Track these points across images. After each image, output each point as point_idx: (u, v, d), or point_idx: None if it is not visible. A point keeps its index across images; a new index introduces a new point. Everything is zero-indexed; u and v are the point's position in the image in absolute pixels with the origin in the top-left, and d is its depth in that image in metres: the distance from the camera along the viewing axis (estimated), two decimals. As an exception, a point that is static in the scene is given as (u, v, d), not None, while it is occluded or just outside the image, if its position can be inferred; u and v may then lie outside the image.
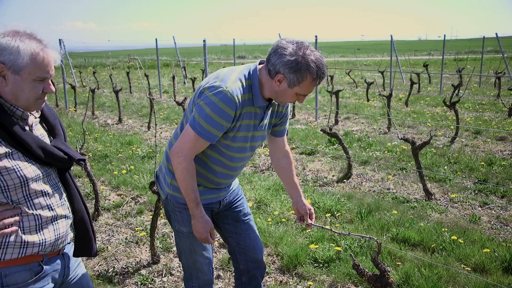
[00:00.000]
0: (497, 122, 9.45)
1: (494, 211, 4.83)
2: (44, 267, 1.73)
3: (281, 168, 2.55)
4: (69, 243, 1.88)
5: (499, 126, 9.00)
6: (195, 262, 2.41)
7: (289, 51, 2.00)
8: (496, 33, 16.96)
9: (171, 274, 3.65)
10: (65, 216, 1.79)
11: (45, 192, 1.70)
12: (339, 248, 3.84)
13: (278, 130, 2.44)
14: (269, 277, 3.57)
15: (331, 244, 3.95)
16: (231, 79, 2.06)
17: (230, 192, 2.47)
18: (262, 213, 4.77)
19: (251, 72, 2.12)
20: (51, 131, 1.84)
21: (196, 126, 2.06)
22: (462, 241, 3.94)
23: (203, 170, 2.26)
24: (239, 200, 2.55)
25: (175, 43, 19.64)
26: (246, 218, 2.55)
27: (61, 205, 1.77)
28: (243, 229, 2.52)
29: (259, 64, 2.18)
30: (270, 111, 2.28)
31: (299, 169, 6.45)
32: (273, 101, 2.23)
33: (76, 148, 4.46)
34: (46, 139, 1.78)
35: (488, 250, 3.75)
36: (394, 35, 15.93)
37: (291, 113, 10.79)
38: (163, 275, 3.63)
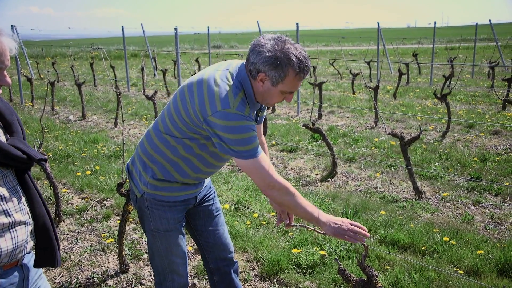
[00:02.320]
0: (491, 115, 9.64)
1: (488, 210, 4.94)
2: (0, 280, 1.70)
3: None
4: (28, 253, 1.85)
5: (493, 120, 9.19)
6: (171, 263, 2.45)
7: (267, 47, 2.03)
8: (490, 20, 17.28)
9: (142, 284, 3.64)
10: (25, 223, 1.76)
11: (1, 195, 1.67)
12: (323, 252, 3.88)
13: (258, 117, 2.47)
14: (248, 285, 3.59)
15: (315, 248, 3.99)
16: (230, 96, 2.06)
17: (204, 186, 2.54)
18: (240, 215, 4.78)
19: (241, 80, 2.14)
20: (7, 128, 1.81)
21: (244, 153, 2.09)
22: (455, 243, 4.02)
23: (188, 168, 2.30)
24: (211, 194, 2.64)
25: (143, 31, 19.45)
26: (218, 213, 2.65)
27: (19, 210, 1.74)
28: (213, 225, 2.61)
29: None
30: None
31: (280, 167, 6.48)
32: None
33: (34, 147, 4.39)
34: (1, 137, 1.75)
35: (482, 252, 3.83)
36: (381, 23, 16.10)
37: (271, 108, 10.82)
38: (133, 285, 3.61)
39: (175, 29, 8.74)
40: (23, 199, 1.79)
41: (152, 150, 2.31)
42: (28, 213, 1.79)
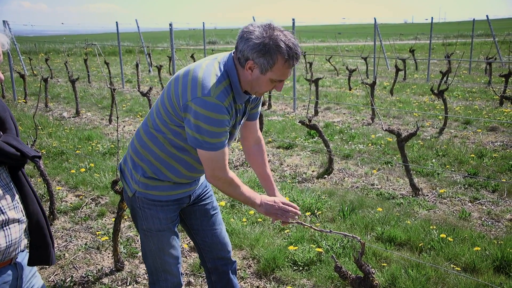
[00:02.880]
0: (488, 111, 9.67)
1: (485, 206, 4.96)
2: (-8, 279, 1.70)
3: (253, 156, 2.61)
4: (22, 251, 1.85)
5: (490, 116, 9.22)
6: (164, 263, 2.43)
7: (256, 34, 2.02)
8: (487, 16, 17.33)
9: (137, 282, 3.64)
10: (18, 220, 1.75)
11: (-6, 193, 1.66)
12: (320, 250, 3.89)
13: (251, 113, 2.47)
14: (244, 283, 3.59)
15: (312, 245, 4.00)
16: (212, 83, 2.05)
17: (199, 185, 2.52)
18: (236, 212, 4.78)
19: (227, 69, 2.13)
20: (0, 125, 1.80)
21: (205, 144, 2.10)
22: (452, 239, 4.04)
23: (178, 165, 2.29)
24: (208, 192, 2.61)
25: (138, 27, 19.39)
26: (214, 212, 2.63)
27: (13, 208, 1.73)
28: (210, 224, 2.59)
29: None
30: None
31: (276, 164, 6.48)
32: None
33: (27, 144, 4.38)
34: (-6, 134, 1.75)
35: (479, 249, 3.85)
36: (378, 18, 16.11)
37: (267, 104, 10.82)
38: (128, 284, 3.61)
39: (170, 24, 8.72)
40: (17, 196, 1.78)
41: (141, 148, 2.31)
42: (22, 210, 1.79)
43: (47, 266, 3.74)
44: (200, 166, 2.32)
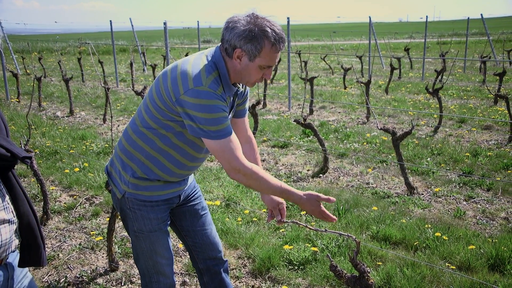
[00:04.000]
0: (483, 110, 9.71)
1: (480, 205, 4.97)
2: (-17, 280, 1.68)
3: (244, 155, 2.57)
4: (13, 252, 1.83)
5: (484, 114, 9.26)
6: (156, 264, 2.41)
7: (241, 22, 2.05)
8: (481, 14, 17.39)
9: (132, 282, 3.63)
10: (9, 221, 1.74)
11: (-16, 194, 1.65)
12: (315, 249, 3.89)
13: (239, 109, 2.46)
14: (239, 282, 3.59)
15: (307, 245, 4.00)
16: (202, 74, 2.06)
17: (188, 185, 2.51)
18: (231, 212, 4.78)
19: (215, 61, 2.14)
20: (-10, 126, 1.78)
21: (212, 134, 2.07)
22: (446, 238, 4.05)
23: (168, 163, 2.27)
24: (196, 193, 2.60)
25: (132, 25, 19.35)
26: (204, 212, 2.61)
27: (3, 209, 1.72)
28: (200, 225, 2.57)
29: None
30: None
31: (271, 163, 6.48)
32: (240, 85, 2.27)
33: (20, 144, 4.36)
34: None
35: (474, 247, 3.87)
36: (373, 17, 16.13)
37: (262, 103, 10.81)
38: (122, 284, 3.60)
39: (164, 23, 8.70)
40: (7, 197, 1.76)
41: (130, 147, 2.29)
42: (12, 211, 1.77)
43: (41, 267, 3.72)
44: (189, 162, 2.31)
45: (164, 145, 2.23)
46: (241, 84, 2.31)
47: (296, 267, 3.73)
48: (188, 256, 3.94)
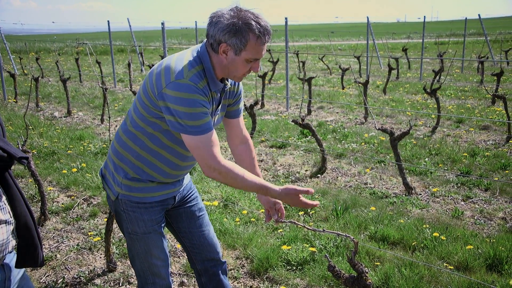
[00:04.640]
0: (480, 110, 9.72)
1: (478, 205, 4.98)
2: (-20, 281, 1.68)
3: (240, 156, 2.56)
4: (10, 252, 1.83)
5: (482, 115, 9.27)
6: (151, 266, 2.40)
7: (225, 17, 2.04)
8: (479, 15, 17.40)
9: (129, 283, 3.62)
10: (6, 222, 1.74)
11: (-19, 195, 1.64)
12: (313, 249, 3.89)
13: (232, 110, 2.45)
14: (237, 282, 3.59)
15: (305, 245, 4.00)
16: (185, 67, 2.06)
17: (183, 186, 2.50)
18: (229, 212, 4.78)
19: (200, 55, 2.13)
20: (-14, 126, 1.78)
21: (189, 129, 2.05)
22: (444, 238, 4.05)
23: (160, 163, 2.26)
24: (193, 194, 2.59)
25: (130, 26, 19.32)
26: (201, 213, 2.60)
27: (0, 209, 1.72)
28: (197, 226, 2.56)
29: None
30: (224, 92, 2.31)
31: (269, 163, 6.48)
32: (228, 82, 2.26)
33: (18, 144, 4.35)
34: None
35: (472, 247, 3.87)
36: (370, 17, 16.14)
37: (260, 103, 10.81)
38: (120, 284, 3.60)
39: (162, 23, 8.70)
40: (4, 197, 1.76)
41: (120, 148, 2.28)
42: (9, 212, 1.77)
43: (38, 267, 3.71)
44: (181, 162, 2.30)
45: (154, 145, 2.22)
46: (229, 81, 2.30)
47: (294, 268, 3.73)
48: (186, 257, 3.94)
